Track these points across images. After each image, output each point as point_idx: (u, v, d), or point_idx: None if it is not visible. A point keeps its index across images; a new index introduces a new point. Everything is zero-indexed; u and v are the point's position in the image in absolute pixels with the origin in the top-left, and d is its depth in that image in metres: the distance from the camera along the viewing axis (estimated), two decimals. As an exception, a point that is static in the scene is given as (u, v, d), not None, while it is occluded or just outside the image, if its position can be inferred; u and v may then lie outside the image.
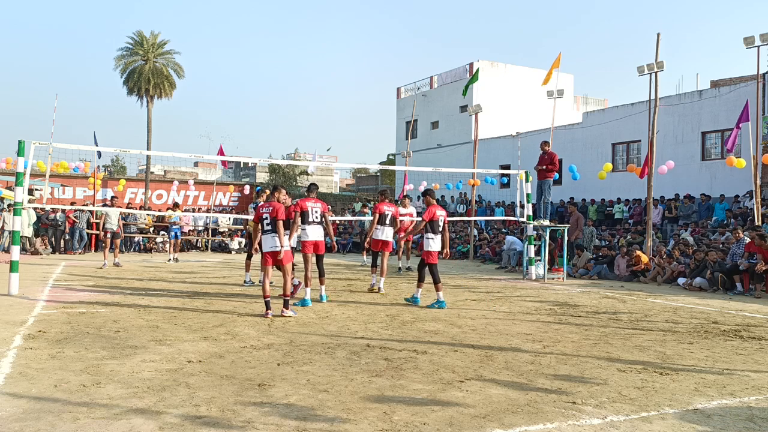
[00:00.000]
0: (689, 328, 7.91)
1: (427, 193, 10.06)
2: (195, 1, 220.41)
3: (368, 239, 11.55)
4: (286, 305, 8.19)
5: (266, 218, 8.34)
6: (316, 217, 9.64)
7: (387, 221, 11.53)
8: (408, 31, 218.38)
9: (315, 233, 9.60)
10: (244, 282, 11.85)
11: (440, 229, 9.75)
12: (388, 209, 11.64)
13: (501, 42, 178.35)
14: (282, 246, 8.17)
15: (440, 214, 9.77)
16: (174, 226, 19.04)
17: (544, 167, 14.88)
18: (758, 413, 4.36)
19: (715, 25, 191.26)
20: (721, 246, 14.60)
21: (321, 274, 9.92)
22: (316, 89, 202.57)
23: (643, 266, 14.72)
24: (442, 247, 9.82)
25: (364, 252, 19.25)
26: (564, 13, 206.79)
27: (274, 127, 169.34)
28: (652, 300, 11.02)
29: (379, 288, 11.28)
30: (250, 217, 11.97)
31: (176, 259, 18.53)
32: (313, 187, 10.29)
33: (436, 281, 9.55)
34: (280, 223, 8.20)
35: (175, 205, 19.93)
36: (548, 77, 18.67)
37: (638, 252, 15.00)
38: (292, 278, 9.26)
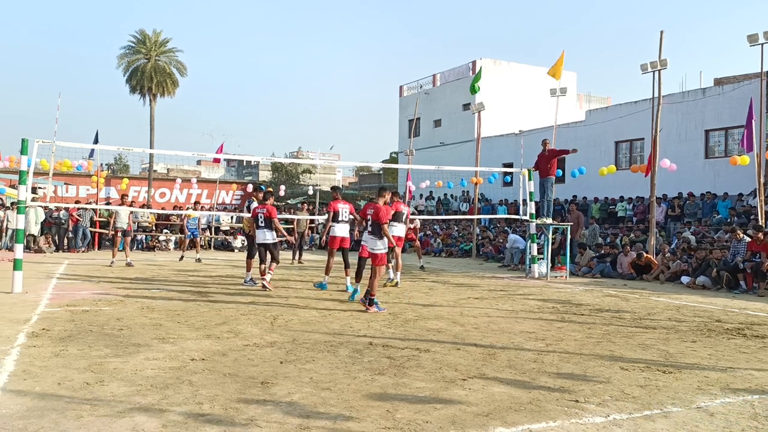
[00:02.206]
0: (692, 327, 7.90)
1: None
2: (196, 0, 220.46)
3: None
4: (371, 302, 8.58)
5: (368, 219, 8.90)
6: (345, 217, 11.12)
7: (402, 219, 12.12)
8: (409, 31, 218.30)
9: (342, 231, 11.09)
10: (245, 281, 11.85)
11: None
12: (403, 208, 12.21)
13: (503, 40, 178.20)
14: (383, 248, 8.67)
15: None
16: (192, 227, 18.96)
17: (548, 166, 14.86)
18: (762, 411, 4.35)
19: (718, 22, 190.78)
20: (724, 244, 14.55)
21: (346, 266, 11.13)
22: (319, 88, 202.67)
23: (650, 264, 14.67)
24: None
25: None
26: (566, 11, 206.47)
27: (276, 126, 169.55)
28: (655, 298, 11.00)
29: (396, 282, 11.95)
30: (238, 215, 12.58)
31: (199, 260, 17.90)
32: (338, 189, 11.85)
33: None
34: (385, 226, 8.73)
35: (196, 203, 19.71)
36: (558, 71, 18.51)
37: (648, 255, 14.92)
38: (249, 277, 11.15)
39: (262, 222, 11.06)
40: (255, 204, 12.15)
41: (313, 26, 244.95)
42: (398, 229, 11.93)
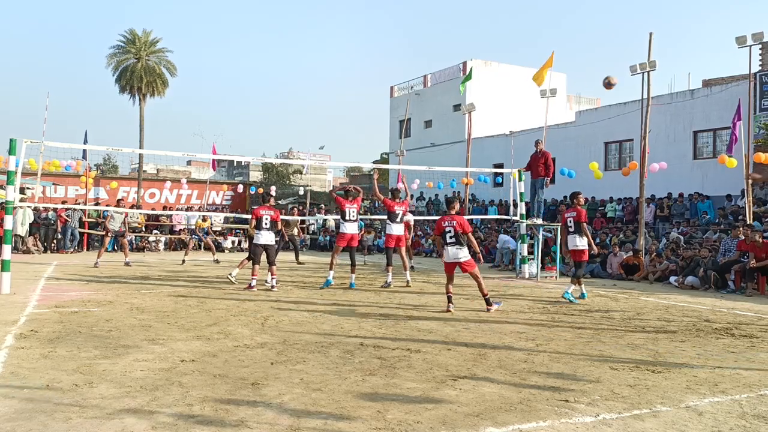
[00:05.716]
0: (681, 327, 7.95)
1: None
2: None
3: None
4: (488, 303, 9.05)
5: (450, 231, 9.11)
6: (353, 216, 11.54)
7: (398, 219, 12.17)
8: (400, 31, 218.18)
9: (351, 229, 11.50)
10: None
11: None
12: (399, 208, 12.26)
13: (494, 41, 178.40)
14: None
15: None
16: (200, 234, 19.00)
17: (539, 166, 14.90)
18: (750, 411, 4.39)
19: (707, 24, 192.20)
20: (713, 244, 14.65)
21: (352, 264, 11.70)
22: (310, 89, 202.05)
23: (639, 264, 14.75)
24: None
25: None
26: (556, 12, 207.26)
27: (267, 126, 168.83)
28: (644, 298, 11.07)
29: (407, 282, 12.10)
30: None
31: (217, 261, 17.81)
32: (349, 192, 12.18)
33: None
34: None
35: (204, 219, 19.68)
36: (542, 77, 18.65)
37: (640, 256, 15.00)
38: (251, 279, 11.15)
39: (266, 224, 11.08)
40: None
41: (304, 26, 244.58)
42: (396, 228, 12.11)
